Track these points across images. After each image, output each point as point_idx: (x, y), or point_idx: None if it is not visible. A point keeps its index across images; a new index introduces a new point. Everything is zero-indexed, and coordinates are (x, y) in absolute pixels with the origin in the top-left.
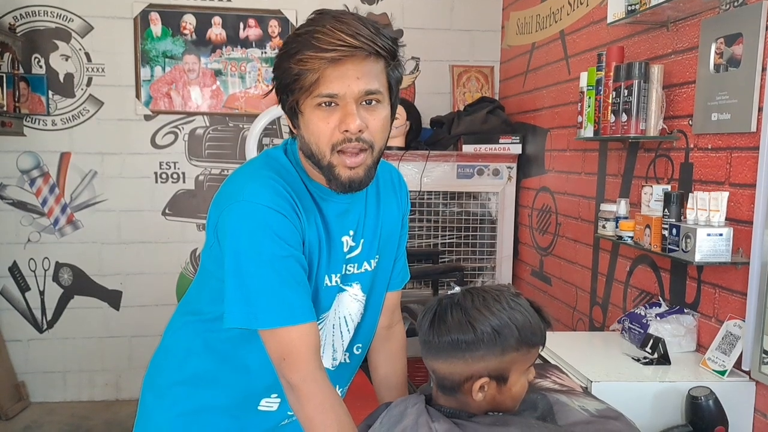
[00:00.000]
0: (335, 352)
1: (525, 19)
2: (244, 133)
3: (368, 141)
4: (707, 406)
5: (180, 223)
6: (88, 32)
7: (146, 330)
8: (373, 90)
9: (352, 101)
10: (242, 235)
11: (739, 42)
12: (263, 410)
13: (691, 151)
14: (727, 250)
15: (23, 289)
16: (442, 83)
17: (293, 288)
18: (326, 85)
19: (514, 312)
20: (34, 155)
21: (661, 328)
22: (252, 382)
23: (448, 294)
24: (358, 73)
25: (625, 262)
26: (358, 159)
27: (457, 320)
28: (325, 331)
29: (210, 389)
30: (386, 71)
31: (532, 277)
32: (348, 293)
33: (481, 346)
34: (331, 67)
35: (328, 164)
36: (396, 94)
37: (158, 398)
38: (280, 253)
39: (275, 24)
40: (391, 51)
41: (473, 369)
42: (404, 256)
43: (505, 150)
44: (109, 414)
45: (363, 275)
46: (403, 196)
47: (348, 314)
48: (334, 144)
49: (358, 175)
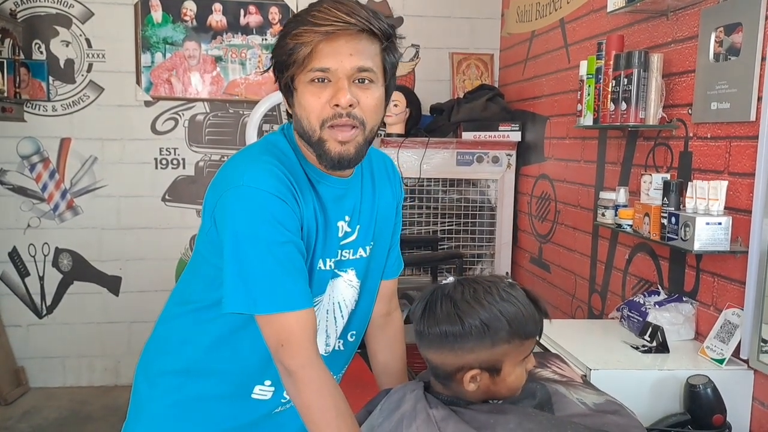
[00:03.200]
0: (328, 338)
1: (525, 7)
2: (244, 119)
3: (359, 117)
4: (705, 394)
5: (180, 209)
6: (88, 18)
7: (145, 315)
8: (365, 67)
9: (344, 77)
10: (241, 220)
11: (738, 31)
12: (257, 398)
13: (690, 140)
14: (725, 239)
15: (23, 274)
16: (442, 70)
17: (292, 274)
18: (319, 60)
19: (505, 304)
20: (34, 141)
21: (659, 317)
22: (246, 369)
23: (441, 284)
24: (351, 49)
25: (624, 250)
26: (349, 134)
27: (446, 312)
28: (320, 317)
29: (203, 378)
30: (381, 53)
31: (531, 265)
32: (343, 279)
33: (470, 338)
34: (324, 41)
35: (318, 139)
36: (391, 78)
37: (151, 387)
38: (279, 239)
39: (276, 11)
40: (385, 32)
41: (464, 360)
42: (398, 245)
43: (504, 137)
44: (108, 399)
45: (358, 261)
46: (396, 183)
47: (342, 300)
48: (324, 119)
49: (348, 152)
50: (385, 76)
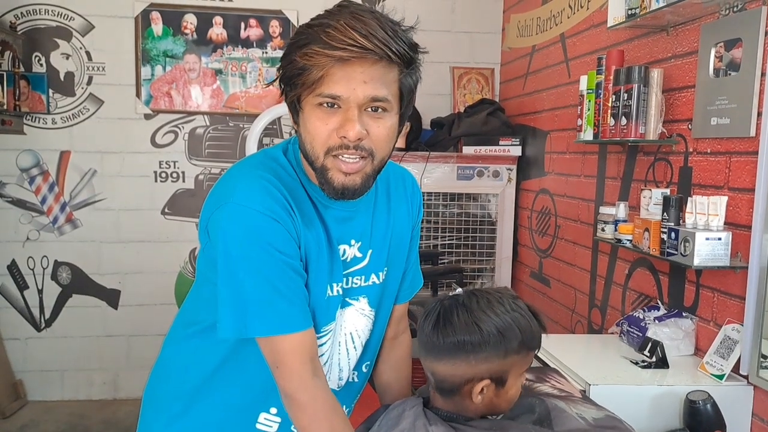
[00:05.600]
0: (341, 371)
1: (525, 22)
2: (244, 132)
3: (368, 149)
4: (705, 410)
5: (179, 223)
6: (89, 31)
7: (144, 329)
8: (380, 97)
9: (355, 106)
10: (231, 242)
11: (738, 46)
12: (261, 429)
13: (690, 155)
14: (725, 255)
15: (22, 287)
16: (443, 84)
17: (285, 295)
18: (330, 85)
19: (516, 314)
20: (33, 153)
21: (659, 332)
22: (251, 392)
23: (450, 295)
24: (365, 76)
25: (623, 264)
26: (356, 165)
27: (463, 321)
28: (331, 350)
29: (207, 403)
30: (399, 79)
31: (532, 279)
32: (354, 308)
33: (487, 347)
34: (337, 66)
35: (321, 167)
36: (408, 103)
37: (156, 413)
38: (269, 261)
39: (276, 24)
40: (406, 57)
41: (476, 370)
42: (414, 266)
43: (505, 152)
44: (107, 413)
45: (370, 288)
46: (415, 203)
47: (354, 330)
48: (329, 147)
49: (353, 182)
50: (401, 102)
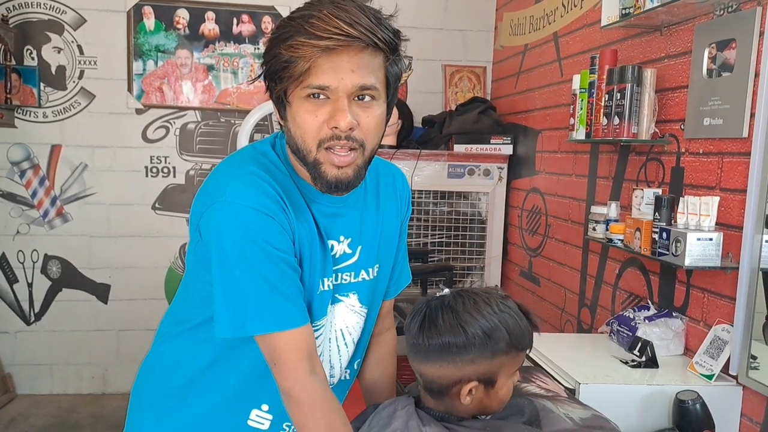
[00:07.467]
0: (332, 368)
1: (518, 20)
2: (235, 128)
3: (359, 140)
4: (694, 410)
5: (169, 218)
6: (81, 25)
7: (134, 324)
8: (368, 85)
9: (344, 96)
10: (225, 240)
11: (732, 47)
12: (253, 426)
13: (682, 156)
14: (716, 255)
15: (11, 281)
16: (435, 82)
17: (282, 292)
18: (317, 76)
19: (504, 315)
20: (24, 147)
21: (649, 331)
22: (241, 389)
23: (437, 296)
24: (352, 65)
25: (614, 264)
26: (348, 158)
27: (448, 323)
28: (322, 346)
29: (197, 400)
30: (385, 66)
31: (521, 278)
32: (344, 304)
33: (473, 349)
34: (324, 57)
35: (313, 161)
36: (394, 91)
37: (145, 411)
38: (265, 257)
39: (268, 20)
40: (391, 44)
41: (463, 372)
42: (402, 261)
43: (496, 150)
44: (96, 407)
45: (360, 285)
46: (404, 200)
47: (345, 327)
48: (321, 140)
49: (346, 176)
50: (388, 90)
